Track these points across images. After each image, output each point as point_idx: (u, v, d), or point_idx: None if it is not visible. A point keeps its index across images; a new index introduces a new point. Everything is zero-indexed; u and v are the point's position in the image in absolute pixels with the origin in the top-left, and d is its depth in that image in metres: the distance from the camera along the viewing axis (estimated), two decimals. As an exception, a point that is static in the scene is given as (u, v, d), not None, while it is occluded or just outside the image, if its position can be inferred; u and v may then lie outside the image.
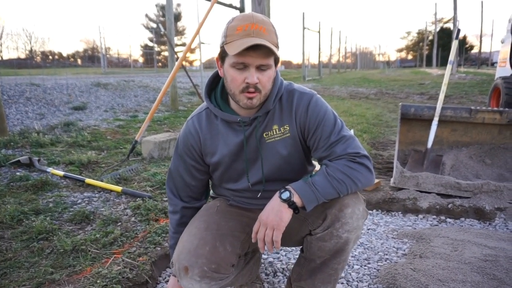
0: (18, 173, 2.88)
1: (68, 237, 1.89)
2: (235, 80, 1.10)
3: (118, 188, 2.55)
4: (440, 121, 2.92)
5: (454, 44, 3.08)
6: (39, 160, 3.14)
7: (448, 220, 2.35)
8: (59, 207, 2.28)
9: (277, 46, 1.10)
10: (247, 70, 1.08)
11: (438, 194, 2.54)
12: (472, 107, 2.96)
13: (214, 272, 1.16)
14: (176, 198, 1.36)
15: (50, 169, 2.95)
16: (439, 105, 2.92)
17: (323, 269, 1.25)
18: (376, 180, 2.78)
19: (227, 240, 1.23)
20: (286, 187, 1.14)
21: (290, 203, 1.11)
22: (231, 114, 1.20)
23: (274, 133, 1.21)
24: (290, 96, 1.22)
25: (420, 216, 2.43)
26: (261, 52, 1.06)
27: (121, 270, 1.59)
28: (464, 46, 43.07)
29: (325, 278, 1.27)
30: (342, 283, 1.64)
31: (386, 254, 1.90)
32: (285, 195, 1.12)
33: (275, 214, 1.11)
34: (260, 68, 1.09)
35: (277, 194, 1.14)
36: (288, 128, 1.21)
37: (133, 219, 2.14)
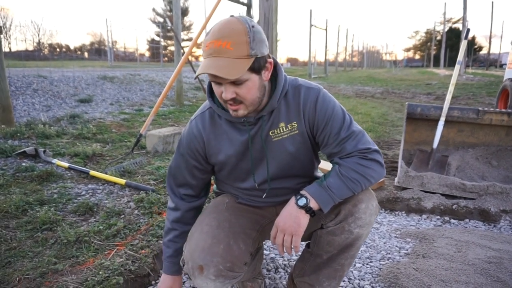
0: (24, 164, 2.90)
1: (72, 228, 1.90)
2: (216, 93, 1.09)
3: (122, 181, 2.56)
4: (446, 122, 2.90)
5: (463, 44, 3.04)
6: (44, 151, 3.16)
7: (452, 221, 2.34)
8: (64, 198, 2.29)
9: (248, 57, 1.01)
10: (222, 85, 1.05)
11: (442, 194, 2.53)
12: (480, 108, 2.93)
13: (229, 270, 1.15)
14: (177, 197, 1.33)
15: (55, 161, 2.97)
16: (446, 105, 2.89)
17: (329, 264, 1.24)
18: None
19: (239, 238, 1.22)
20: (302, 192, 1.14)
21: (307, 209, 1.11)
22: None
23: (281, 130, 1.19)
24: (296, 92, 1.19)
25: (424, 216, 2.41)
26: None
27: (123, 262, 1.59)
28: (472, 47, 42.62)
29: (330, 273, 1.26)
30: (343, 281, 1.64)
31: (389, 253, 1.90)
32: (302, 201, 1.12)
33: (293, 220, 1.12)
34: (235, 83, 1.04)
35: (293, 200, 1.14)
36: (296, 125, 1.19)
37: (136, 212, 2.15)
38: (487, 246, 1.86)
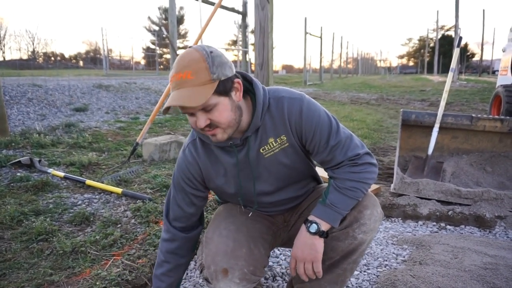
0: (18, 174, 2.88)
1: (68, 238, 1.88)
2: (191, 124, 1.10)
3: (119, 190, 2.55)
4: (441, 128, 2.93)
5: (456, 52, 3.09)
6: (39, 161, 3.14)
7: (448, 227, 2.35)
8: (59, 208, 2.27)
9: (210, 81, 1.01)
10: (194, 115, 1.06)
11: (438, 201, 2.54)
12: (473, 115, 2.97)
13: (252, 274, 1.17)
14: (174, 228, 1.32)
15: (50, 170, 2.95)
16: (440, 112, 2.92)
17: (331, 269, 1.25)
18: (376, 186, 2.78)
19: (259, 242, 1.25)
20: (310, 219, 1.16)
21: (320, 233, 1.14)
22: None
23: (272, 146, 1.19)
24: (279, 104, 1.16)
25: (420, 222, 2.42)
26: None
27: (120, 272, 1.58)
28: (465, 53, 43.18)
29: (332, 278, 1.25)
30: (341, 289, 1.64)
31: (386, 260, 1.90)
32: (313, 228, 1.14)
33: (310, 248, 1.14)
34: (205, 109, 1.04)
35: (304, 228, 1.16)
36: (285, 138, 1.18)
37: (133, 221, 2.14)
38: (483, 252, 1.87)
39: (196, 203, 1.29)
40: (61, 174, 2.87)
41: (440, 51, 33.46)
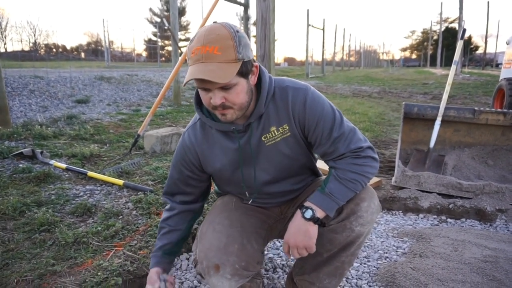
0: (21, 165, 2.89)
1: (70, 229, 1.90)
2: (204, 100, 1.09)
3: (120, 182, 2.56)
4: (443, 121, 2.91)
5: (459, 44, 3.06)
6: (42, 153, 3.15)
7: (449, 220, 2.36)
8: (61, 200, 2.29)
9: (236, 61, 1.01)
10: (211, 91, 1.05)
11: (439, 194, 2.54)
12: (476, 108, 2.95)
13: (244, 269, 1.18)
14: (174, 202, 1.36)
15: (52, 162, 2.96)
16: (443, 105, 2.91)
17: (329, 261, 1.25)
18: (377, 179, 2.78)
19: (252, 238, 1.25)
20: (306, 204, 1.15)
21: (315, 220, 1.13)
22: (223, 124, 1.16)
23: (273, 134, 1.19)
24: (283, 94, 1.17)
25: (421, 215, 2.43)
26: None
27: (122, 263, 1.60)
28: (469, 46, 42.79)
29: (331, 271, 1.26)
30: (341, 281, 1.65)
31: (386, 253, 1.91)
32: (308, 213, 1.13)
33: (303, 234, 1.14)
34: (224, 88, 1.03)
35: (299, 214, 1.15)
36: (287, 127, 1.18)
37: (134, 212, 2.15)
38: (483, 245, 1.88)
39: (192, 184, 1.32)
40: (63, 165, 2.88)
41: (444, 44, 33.14)
